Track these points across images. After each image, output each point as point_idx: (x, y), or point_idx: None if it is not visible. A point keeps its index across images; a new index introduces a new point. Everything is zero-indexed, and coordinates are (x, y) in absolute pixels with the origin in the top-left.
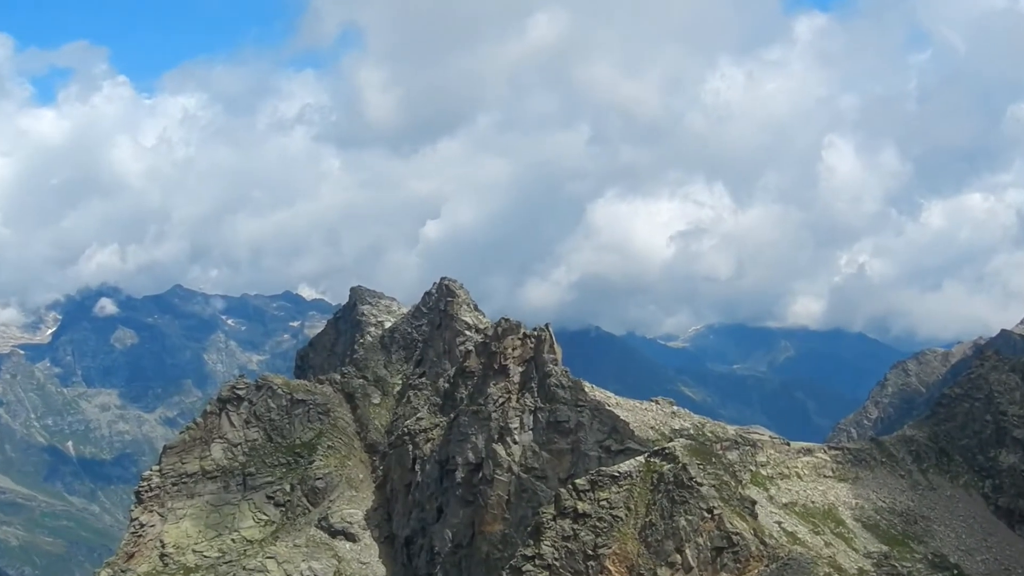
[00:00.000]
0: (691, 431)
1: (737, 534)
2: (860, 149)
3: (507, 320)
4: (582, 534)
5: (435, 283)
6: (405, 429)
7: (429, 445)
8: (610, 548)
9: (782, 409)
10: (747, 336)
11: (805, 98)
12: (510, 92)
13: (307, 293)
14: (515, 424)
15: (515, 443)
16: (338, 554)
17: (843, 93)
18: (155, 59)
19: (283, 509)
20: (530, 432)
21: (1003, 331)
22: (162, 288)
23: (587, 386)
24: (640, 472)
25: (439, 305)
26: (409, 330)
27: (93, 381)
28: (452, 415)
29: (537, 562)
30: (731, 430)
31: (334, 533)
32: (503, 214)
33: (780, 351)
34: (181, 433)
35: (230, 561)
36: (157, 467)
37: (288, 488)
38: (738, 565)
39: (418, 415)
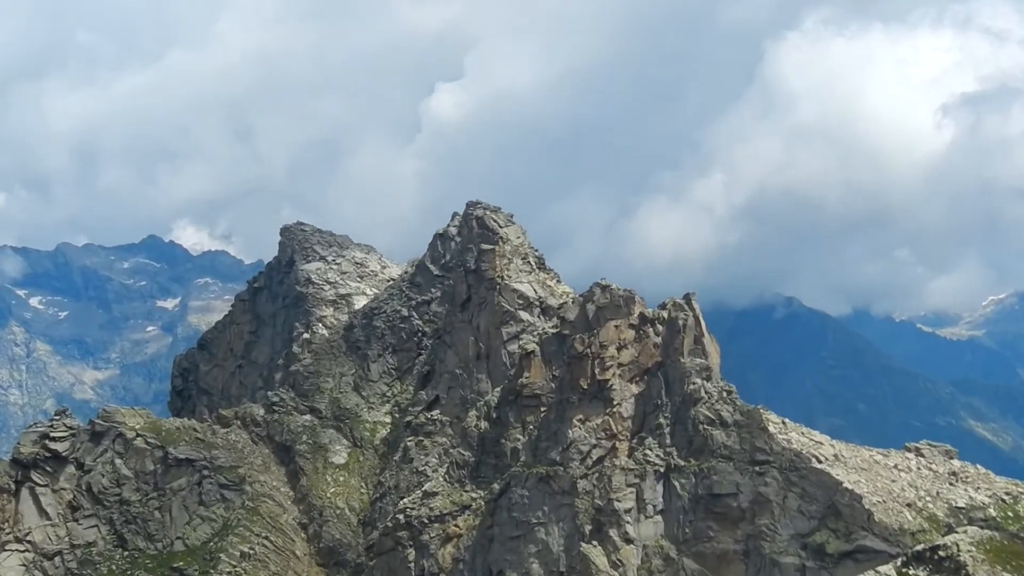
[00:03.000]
0: (991, 510)
1: None
2: None
3: (605, 287)
4: None
5: (456, 214)
6: (403, 516)
7: (450, 548)
8: None
9: None
10: None
11: None
12: None
13: (191, 239)
14: (627, 503)
15: (628, 541)
16: None
17: None
18: None
19: None
20: (658, 517)
21: None
22: None
23: (772, 420)
24: None
25: (464, 259)
26: (404, 312)
27: None
28: (497, 486)
29: None
30: None
31: None
32: (593, 71)
33: None
34: None
35: None
36: None
37: None
38: None
39: (426, 486)
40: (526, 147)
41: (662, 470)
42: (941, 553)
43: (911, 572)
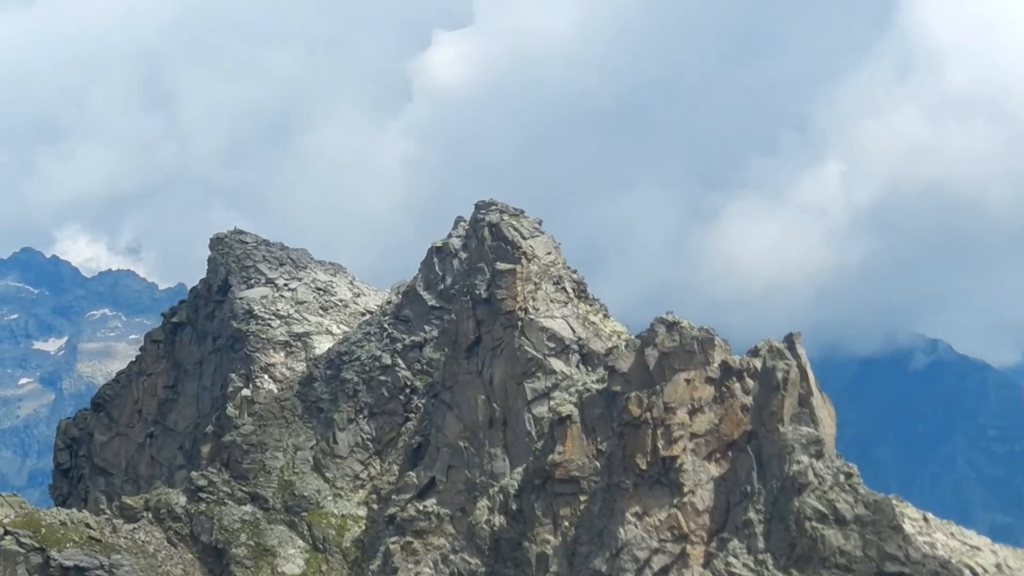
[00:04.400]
0: None
1: None
2: None
3: (672, 324)
4: None
5: (460, 220)
6: None
7: None
8: None
9: None
10: None
11: None
12: None
13: (83, 254)
14: None
15: None
16: None
17: None
18: None
19: None
20: None
21: None
22: None
23: (910, 515)
24: None
25: (472, 284)
26: (386, 358)
27: None
28: None
29: None
30: None
31: None
32: (656, 17)
33: None
34: None
35: None
36: None
37: None
38: None
39: None
40: (560, 124)
41: None
42: None
43: None
